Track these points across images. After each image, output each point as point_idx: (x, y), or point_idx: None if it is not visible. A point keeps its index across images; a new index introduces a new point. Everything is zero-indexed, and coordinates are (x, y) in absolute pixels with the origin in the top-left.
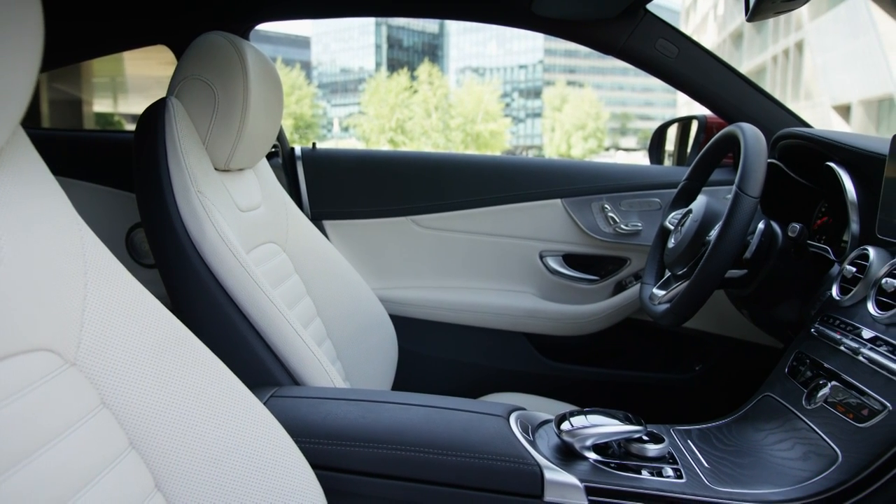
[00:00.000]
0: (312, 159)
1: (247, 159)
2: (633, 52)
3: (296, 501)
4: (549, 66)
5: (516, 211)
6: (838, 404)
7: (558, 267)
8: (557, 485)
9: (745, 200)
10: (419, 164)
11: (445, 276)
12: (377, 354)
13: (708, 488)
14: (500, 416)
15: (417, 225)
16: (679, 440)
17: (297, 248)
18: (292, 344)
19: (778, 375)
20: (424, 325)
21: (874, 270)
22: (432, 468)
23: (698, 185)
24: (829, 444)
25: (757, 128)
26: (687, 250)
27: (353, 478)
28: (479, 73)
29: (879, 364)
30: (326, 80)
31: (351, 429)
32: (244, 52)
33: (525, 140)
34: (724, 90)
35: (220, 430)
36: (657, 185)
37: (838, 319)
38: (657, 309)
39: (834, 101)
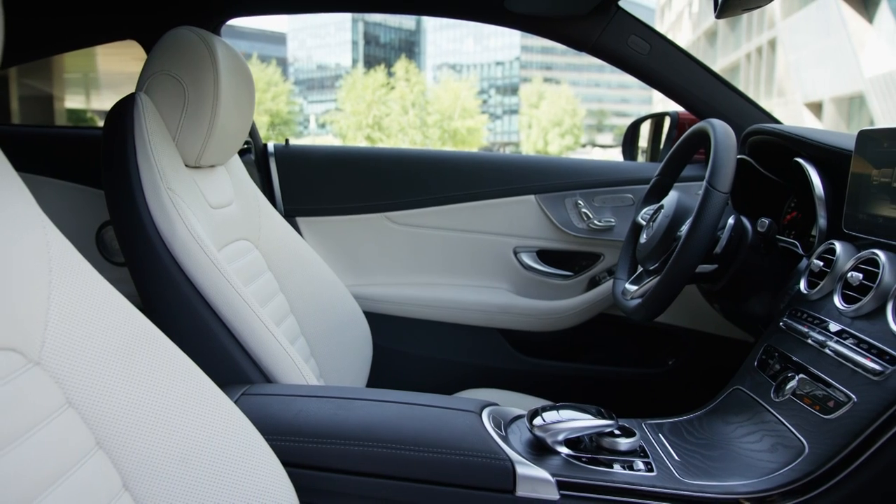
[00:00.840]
0: (285, 156)
1: (218, 156)
2: (605, 48)
3: (266, 500)
4: (525, 63)
5: (490, 207)
6: (805, 396)
7: (532, 263)
8: (529, 479)
9: (714, 196)
10: (393, 160)
11: (420, 272)
12: (351, 351)
13: (678, 481)
14: (473, 411)
15: (391, 221)
16: (650, 434)
17: (270, 245)
18: (264, 341)
19: (747, 369)
20: (399, 322)
21: (840, 264)
22: (404, 464)
23: (670, 180)
24: (797, 436)
25: (727, 124)
26: (658, 245)
27: (324, 475)
28: (457, 70)
29: (845, 357)
30: (303, 77)
31: (323, 426)
32: (214, 47)
33: (502, 137)
34: (695, 87)
35: (189, 429)
36: (630, 181)
37: (806, 313)
38: (629, 304)
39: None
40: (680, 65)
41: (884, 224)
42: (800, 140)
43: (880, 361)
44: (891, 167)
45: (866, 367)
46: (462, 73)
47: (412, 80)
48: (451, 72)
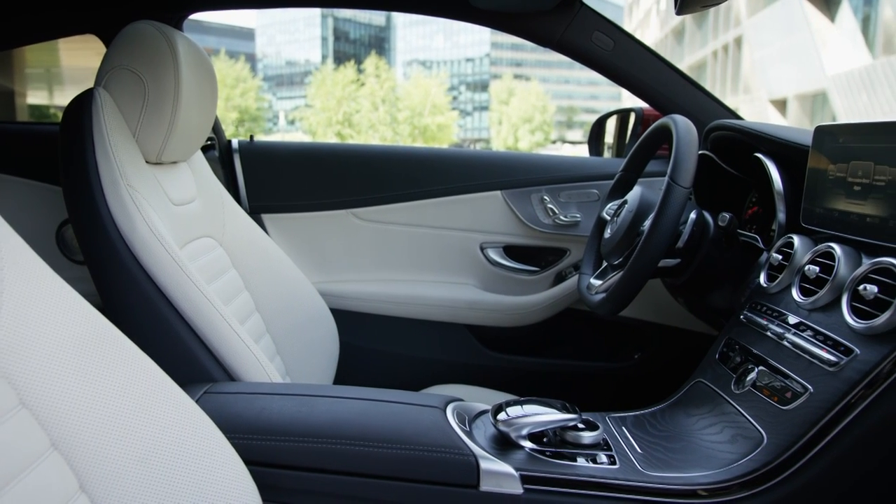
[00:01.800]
0: (250, 152)
1: (180, 152)
2: (569, 44)
3: (228, 499)
4: (495, 60)
5: (456, 203)
6: (764, 388)
7: (499, 258)
8: (493, 474)
9: (676, 191)
10: (359, 156)
11: (386, 268)
12: (318, 349)
13: (640, 473)
14: (437, 407)
15: (357, 218)
16: (614, 427)
17: (235, 242)
18: (227, 339)
19: (709, 361)
20: (365, 319)
21: (798, 258)
22: (368, 461)
23: (634, 176)
24: (756, 427)
25: (689, 119)
26: (622, 240)
27: (288, 473)
28: (427, 67)
29: (802, 348)
30: (272, 73)
31: (286, 424)
32: (175, 41)
33: (472, 133)
34: (658, 83)
35: (148, 429)
36: (595, 177)
37: (765, 306)
38: (594, 298)
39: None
40: (643, 61)
41: (839, 218)
42: (759, 135)
43: (835, 352)
44: (846, 162)
45: (822, 359)
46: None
47: (382, 76)
48: (421, 68)
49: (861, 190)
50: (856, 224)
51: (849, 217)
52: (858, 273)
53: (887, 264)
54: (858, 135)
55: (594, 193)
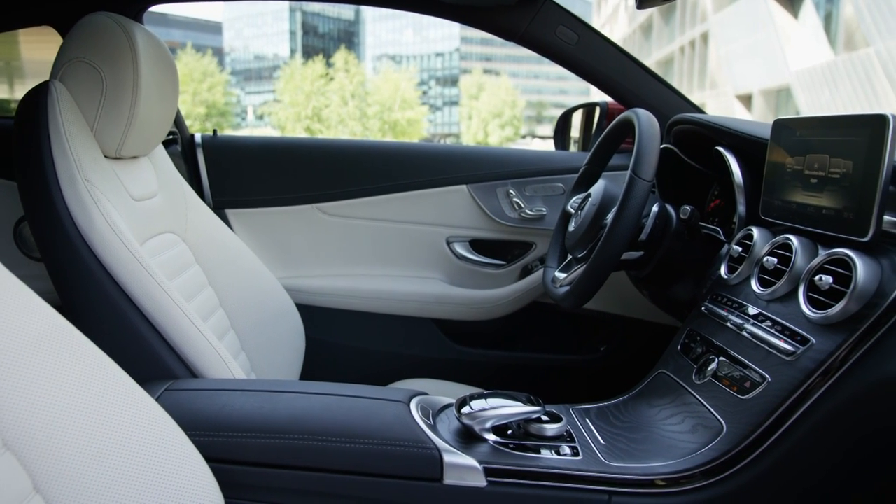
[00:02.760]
0: (213, 147)
1: (140, 146)
2: (533, 38)
3: (188, 497)
4: (465, 55)
5: (422, 197)
6: (724, 378)
7: (465, 252)
8: (456, 467)
9: (638, 184)
10: (324, 151)
11: (352, 263)
12: (283, 344)
13: (602, 464)
14: (401, 401)
15: (323, 213)
16: (578, 419)
17: (198, 238)
18: (189, 336)
19: (671, 353)
20: (332, 314)
21: (757, 250)
22: (331, 456)
23: (598, 169)
24: (716, 417)
25: (652, 113)
26: (586, 233)
27: (250, 469)
28: (396, 61)
29: (760, 339)
30: (240, 67)
31: (248, 420)
32: (133, 33)
33: (442, 128)
34: (621, 76)
35: (104, 427)
36: (561, 171)
37: (726, 297)
38: (558, 292)
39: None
40: (607, 55)
41: (797, 210)
42: (720, 129)
43: (792, 342)
44: (803, 155)
45: (779, 348)
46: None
47: (352, 70)
48: (390, 63)
49: (817, 182)
50: (812, 216)
51: (806, 209)
52: (814, 264)
53: (842, 255)
54: (815, 128)
55: (559, 187)
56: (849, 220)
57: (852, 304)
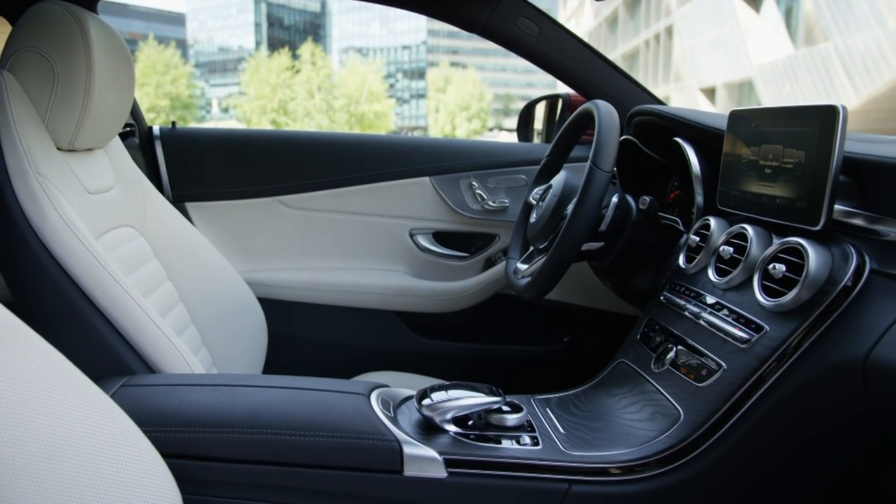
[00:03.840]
0: (172, 139)
1: (95, 138)
2: (495, 30)
3: (143, 493)
4: (432, 47)
5: (385, 189)
6: (682, 366)
7: (428, 244)
8: (416, 459)
9: (598, 175)
10: (285, 143)
11: (314, 256)
12: (245, 339)
13: (562, 453)
14: (361, 394)
15: (284, 205)
16: (539, 409)
17: (156, 232)
18: (145, 331)
19: (631, 342)
20: (294, 307)
21: (714, 239)
22: (290, 450)
23: (560, 160)
24: (673, 405)
25: (613, 105)
26: (547, 224)
27: (208, 465)
28: (363, 54)
29: (717, 327)
30: (204, 59)
31: (205, 414)
32: (85, 23)
33: (410, 121)
34: (582, 68)
35: (55, 425)
36: (523, 162)
37: (684, 286)
38: (520, 283)
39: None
40: (568, 47)
41: (752, 200)
42: (678, 120)
43: (747, 330)
44: (758, 145)
45: (735, 336)
46: (368, 57)
47: (318, 63)
48: (357, 55)
49: (772, 172)
50: (767, 205)
51: (761, 199)
52: (768, 253)
53: (794, 244)
54: (769, 119)
55: (522, 179)
56: (801, 210)
57: (804, 292)
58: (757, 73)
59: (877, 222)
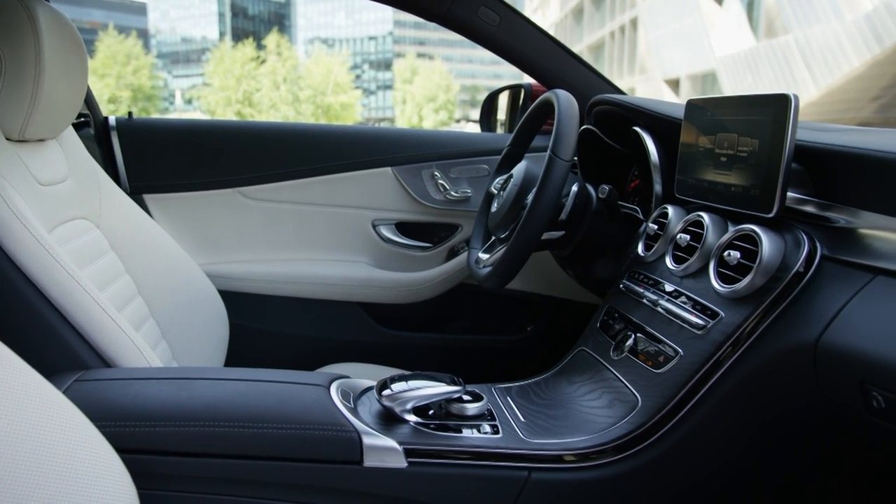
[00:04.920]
0: (129, 130)
1: (46, 129)
2: (455, 19)
3: (97, 489)
4: (398, 38)
5: (347, 180)
6: (640, 353)
7: (391, 235)
8: (376, 449)
9: (557, 164)
10: (245, 133)
11: (276, 248)
12: (206, 332)
13: (522, 441)
14: (321, 385)
15: (245, 197)
16: (499, 397)
17: (113, 224)
18: (100, 324)
19: (591, 330)
20: (256, 299)
21: (672, 227)
22: (248, 442)
23: (521, 150)
24: (632, 391)
25: (573, 94)
26: (507, 214)
27: (164, 459)
28: (329, 45)
29: (674, 314)
30: (166, 50)
31: (161, 408)
32: (34, 10)
33: (377, 112)
34: (543, 58)
35: (4, 422)
36: (485, 152)
37: (643, 274)
38: (481, 272)
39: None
40: (529, 37)
41: (709, 188)
42: (636, 109)
43: (703, 317)
44: (714, 134)
45: (691, 323)
46: (334, 48)
47: (284, 54)
48: (323, 46)
49: (727, 161)
50: (723, 193)
51: (717, 187)
52: (724, 240)
53: (748, 231)
54: (724, 108)
55: (484, 169)
56: (755, 197)
57: (758, 278)
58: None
59: (827, 209)
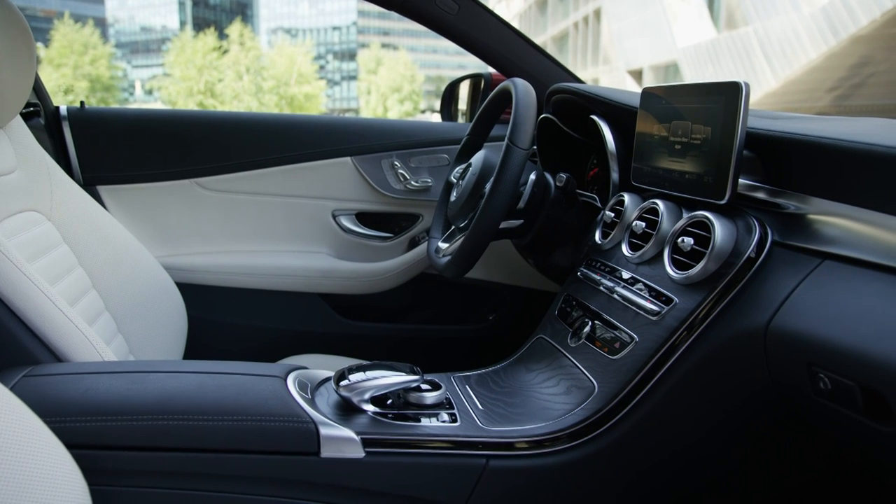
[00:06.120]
0: (81, 119)
1: None
2: (414, 7)
3: (45, 485)
4: (363, 28)
5: (306, 170)
6: (597, 340)
7: (351, 225)
8: (333, 440)
9: (515, 152)
10: (202, 123)
11: (235, 239)
12: (164, 325)
13: (480, 429)
14: (277, 376)
15: (202, 187)
16: (458, 386)
17: (65, 217)
18: (50, 319)
19: (549, 318)
20: (215, 292)
21: (628, 215)
22: (203, 435)
23: (480, 139)
24: (588, 378)
25: (531, 83)
26: (466, 203)
27: (117, 454)
28: (292, 35)
29: (630, 300)
30: (125, 40)
31: (113, 402)
32: None
33: (341, 103)
34: (502, 47)
35: None
36: (445, 142)
37: (600, 262)
38: (441, 261)
39: (628, 66)
40: (488, 25)
41: (664, 175)
42: (594, 98)
43: (657, 303)
44: (669, 122)
45: (646, 309)
46: (298, 38)
47: (247, 44)
48: (286, 36)
49: (681, 148)
50: (677, 181)
51: (671, 174)
52: (678, 227)
53: (701, 217)
54: (679, 96)
55: (445, 158)
56: (708, 184)
57: (711, 264)
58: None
59: (778, 195)
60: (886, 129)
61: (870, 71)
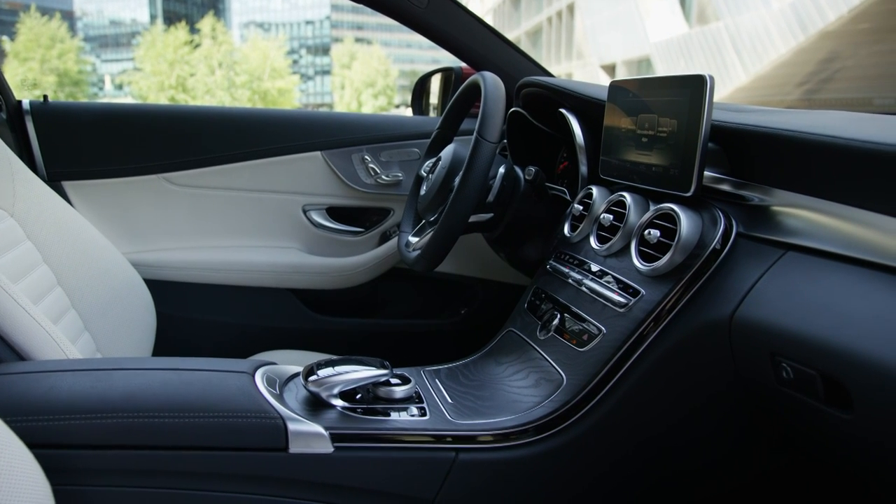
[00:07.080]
0: (45, 114)
1: None
2: (384, 1)
3: (5, 486)
4: (336, 23)
5: (275, 165)
6: (566, 332)
7: (322, 220)
8: (302, 435)
9: (484, 146)
10: (170, 117)
11: (204, 235)
12: (132, 322)
13: (448, 422)
14: (245, 372)
15: (170, 183)
16: (428, 380)
17: (29, 213)
18: (12, 316)
19: (519, 311)
20: (184, 288)
21: (596, 207)
22: (169, 432)
23: (450, 133)
24: (557, 370)
25: (501, 77)
26: (436, 197)
27: (80, 453)
28: (265, 29)
29: (598, 293)
30: (94, 33)
31: (77, 401)
32: None
33: (315, 98)
34: (472, 41)
35: None
36: (416, 136)
37: (568, 255)
38: (411, 256)
39: (601, 61)
40: (457, 19)
41: (632, 168)
42: (562, 91)
43: (625, 295)
44: (636, 115)
45: (614, 301)
46: (271, 32)
47: (219, 38)
48: (259, 30)
49: (648, 141)
50: (644, 173)
51: (639, 167)
52: (645, 219)
53: (668, 209)
54: (645, 89)
55: (415, 152)
56: (674, 177)
57: (677, 256)
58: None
59: (742, 187)
60: (848, 122)
61: (837, 66)
